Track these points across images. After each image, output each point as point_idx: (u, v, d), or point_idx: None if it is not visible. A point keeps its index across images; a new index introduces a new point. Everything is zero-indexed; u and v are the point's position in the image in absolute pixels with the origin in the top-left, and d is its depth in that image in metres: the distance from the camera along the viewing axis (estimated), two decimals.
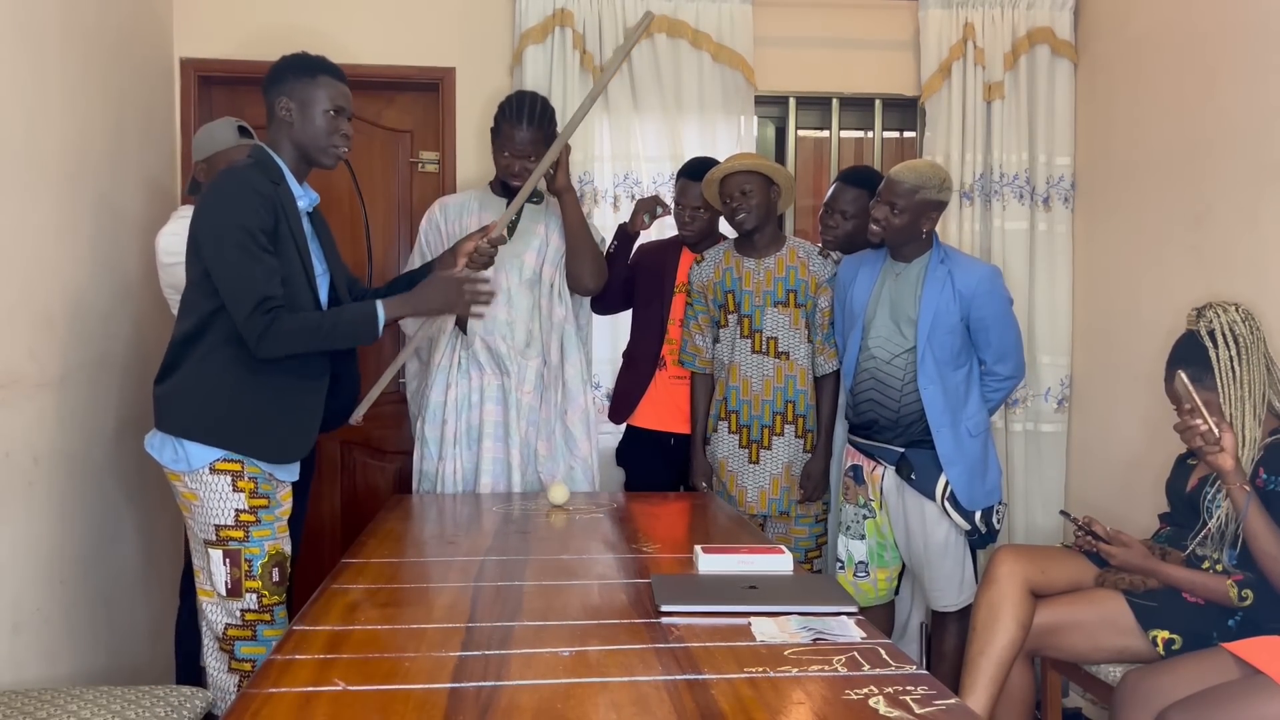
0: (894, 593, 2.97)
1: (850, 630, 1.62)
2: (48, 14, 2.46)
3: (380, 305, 2.22)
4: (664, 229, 3.32)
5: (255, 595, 2.17)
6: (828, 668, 1.46)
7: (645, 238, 3.25)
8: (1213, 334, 2.33)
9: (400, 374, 3.32)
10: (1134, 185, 3.28)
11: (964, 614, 2.80)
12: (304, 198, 2.28)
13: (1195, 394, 2.18)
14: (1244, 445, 2.25)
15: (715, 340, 3.06)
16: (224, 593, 2.16)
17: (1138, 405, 3.20)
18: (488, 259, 2.56)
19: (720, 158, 3.05)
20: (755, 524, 2.85)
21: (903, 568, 2.94)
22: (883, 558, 2.89)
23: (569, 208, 2.90)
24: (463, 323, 2.90)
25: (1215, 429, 2.10)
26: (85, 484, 2.59)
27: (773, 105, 3.75)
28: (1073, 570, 2.50)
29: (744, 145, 3.54)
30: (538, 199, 3.01)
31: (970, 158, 3.59)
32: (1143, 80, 3.25)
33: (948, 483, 2.73)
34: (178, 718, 2.01)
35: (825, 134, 3.82)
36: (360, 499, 3.69)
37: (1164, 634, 2.28)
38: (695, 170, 3.06)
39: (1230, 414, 2.27)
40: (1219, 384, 2.30)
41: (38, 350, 2.37)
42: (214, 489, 2.15)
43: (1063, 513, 2.61)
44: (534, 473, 2.93)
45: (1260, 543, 2.12)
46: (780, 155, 3.79)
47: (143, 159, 3.12)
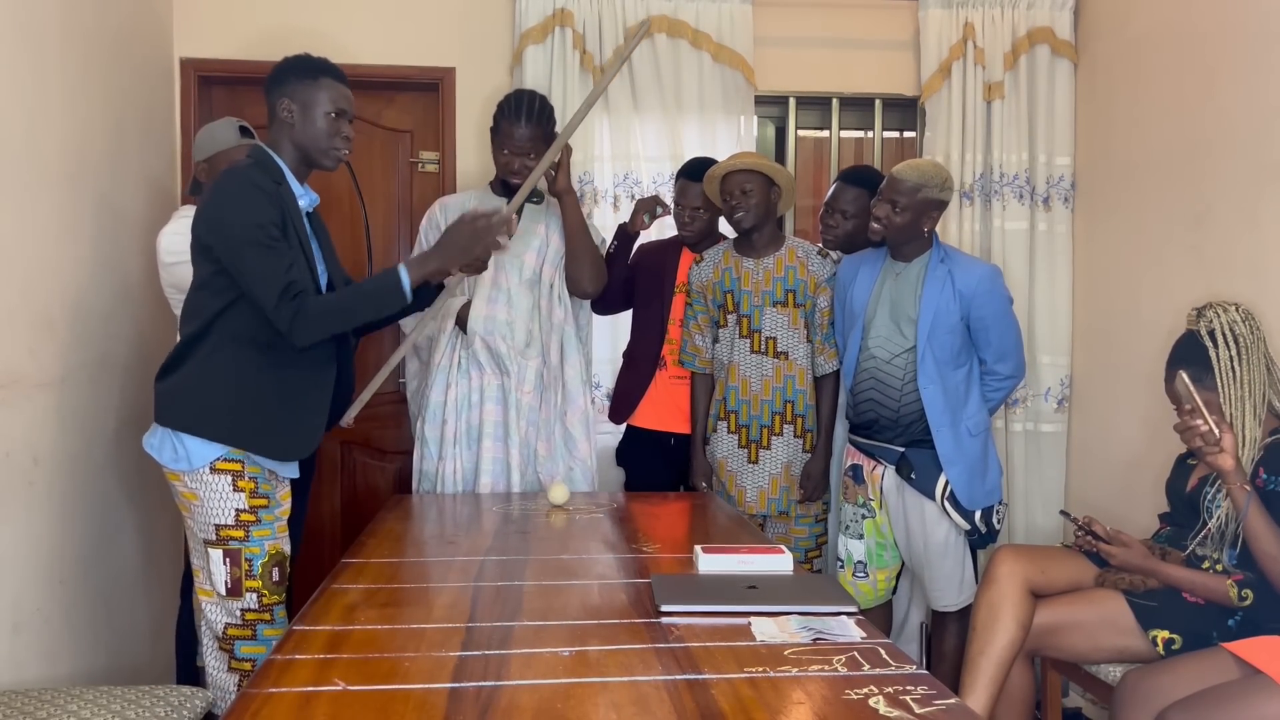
0: (891, 592, 2.98)
1: (850, 630, 1.62)
2: (47, 14, 2.46)
3: (403, 268, 2.19)
4: (664, 229, 3.32)
5: (255, 595, 2.17)
6: (828, 668, 1.46)
7: (645, 238, 3.24)
8: (1213, 334, 2.33)
9: (400, 373, 3.33)
10: (1134, 185, 3.28)
11: (964, 614, 2.80)
12: (304, 198, 2.28)
13: (1195, 394, 2.17)
14: (1244, 445, 2.25)
15: (715, 340, 3.06)
16: (224, 592, 2.16)
17: (1138, 405, 3.20)
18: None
19: (720, 158, 3.04)
20: (755, 524, 2.85)
21: (901, 567, 2.94)
22: (881, 558, 2.89)
23: (569, 210, 2.90)
24: (463, 322, 2.91)
25: (1215, 429, 2.10)
26: (85, 484, 2.59)
27: (773, 105, 3.75)
28: (1073, 570, 2.50)
29: (744, 145, 3.53)
30: (538, 199, 3.01)
31: (970, 158, 3.59)
32: (1143, 80, 3.25)
33: (948, 482, 2.74)
34: (178, 718, 2.01)
35: (825, 134, 3.82)
36: (360, 499, 3.69)
37: (1164, 634, 2.28)
38: (695, 170, 3.06)
39: (1230, 414, 2.27)
40: (1219, 384, 2.30)
41: (38, 350, 2.37)
42: (214, 488, 2.15)
43: (1063, 513, 2.61)
44: (533, 473, 2.93)
45: (1260, 543, 2.12)
46: (780, 155, 3.79)
47: (143, 159, 3.12)
